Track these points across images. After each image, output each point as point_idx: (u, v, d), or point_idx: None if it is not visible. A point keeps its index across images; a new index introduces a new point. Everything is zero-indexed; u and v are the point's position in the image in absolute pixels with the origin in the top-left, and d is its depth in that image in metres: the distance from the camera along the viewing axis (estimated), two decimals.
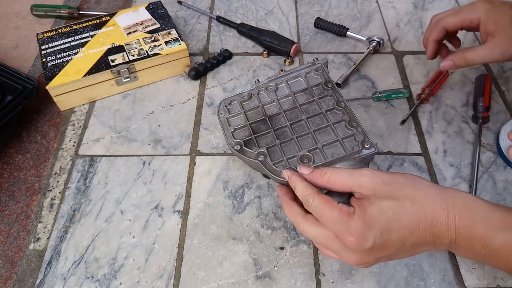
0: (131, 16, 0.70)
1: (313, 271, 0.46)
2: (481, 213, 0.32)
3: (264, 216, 0.51)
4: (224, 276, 0.46)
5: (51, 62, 0.62)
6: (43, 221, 0.51)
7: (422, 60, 0.69)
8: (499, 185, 0.53)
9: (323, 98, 0.49)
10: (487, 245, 0.32)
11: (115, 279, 0.46)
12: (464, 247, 0.33)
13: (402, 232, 0.33)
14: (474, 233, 0.32)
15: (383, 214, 0.34)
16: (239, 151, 0.46)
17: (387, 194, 0.34)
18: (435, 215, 0.33)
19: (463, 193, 0.35)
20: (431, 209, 0.33)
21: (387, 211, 0.34)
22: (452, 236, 0.33)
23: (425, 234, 0.33)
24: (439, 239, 0.34)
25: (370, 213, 0.34)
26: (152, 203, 0.52)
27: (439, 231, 0.33)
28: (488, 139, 0.58)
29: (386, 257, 0.36)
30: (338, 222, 0.34)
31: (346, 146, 0.44)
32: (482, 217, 0.32)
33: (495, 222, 0.32)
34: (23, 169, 0.57)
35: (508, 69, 0.67)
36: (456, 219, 0.32)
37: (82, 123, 0.61)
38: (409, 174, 0.36)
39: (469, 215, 0.32)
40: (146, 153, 0.57)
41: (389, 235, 0.33)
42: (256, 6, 0.80)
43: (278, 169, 0.43)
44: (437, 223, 0.33)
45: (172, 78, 0.67)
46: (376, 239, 0.33)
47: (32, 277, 0.47)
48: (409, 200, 0.34)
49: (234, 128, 0.48)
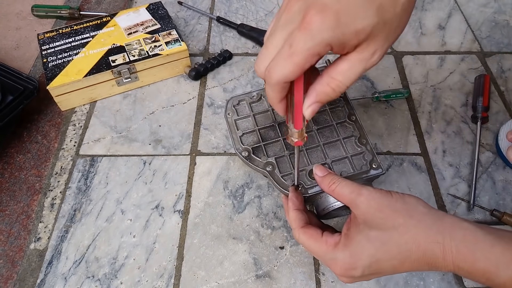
0: (132, 16, 0.70)
1: (312, 270, 0.47)
2: (481, 248, 0.31)
3: (264, 215, 0.51)
4: (224, 275, 0.46)
5: (52, 62, 0.62)
6: (44, 221, 0.51)
7: (421, 60, 0.69)
8: (498, 185, 0.53)
9: (334, 109, 0.49)
10: (491, 280, 0.30)
11: (116, 278, 0.46)
12: (467, 277, 0.33)
13: (391, 262, 0.33)
14: (476, 267, 0.30)
15: (370, 244, 0.33)
16: (247, 158, 0.45)
17: (378, 222, 0.33)
18: (428, 248, 0.31)
19: (463, 223, 0.32)
20: (423, 241, 0.31)
21: (375, 241, 0.33)
22: (449, 268, 0.31)
23: (418, 264, 0.32)
24: (436, 268, 0.32)
25: (357, 243, 0.34)
26: (152, 202, 0.53)
27: (435, 262, 0.32)
28: (487, 139, 0.58)
29: (382, 275, 0.36)
30: (325, 254, 0.35)
31: (354, 164, 0.44)
32: (484, 253, 0.30)
33: (498, 258, 0.30)
34: (24, 169, 0.57)
35: (508, 69, 0.67)
36: (454, 253, 0.31)
37: (83, 123, 0.62)
38: (409, 197, 0.34)
39: (469, 249, 0.31)
40: (147, 153, 0.58)
41: (378, 265, 0.33)
42: (256, 7, 0.80)
43: (287, 182, 0.43)
44: (431, 255, 0.32)
45: (173, 78, 0.68)
46: (365, 269, 0.33)
47: (33, 276, 0.47)
48: (398, 230, 0.32)
49: (243, 133, 0.47)
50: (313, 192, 0.42)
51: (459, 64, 0.68)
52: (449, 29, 0.74)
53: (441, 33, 0.73)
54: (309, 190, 0.42)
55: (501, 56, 0.69)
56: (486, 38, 0.73)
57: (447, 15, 0.77)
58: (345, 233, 0.36)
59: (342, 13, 0.26)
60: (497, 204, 0.52)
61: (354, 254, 0.34)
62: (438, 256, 0.31)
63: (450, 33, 0.73)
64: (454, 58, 0.69)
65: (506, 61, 0.68)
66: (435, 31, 0.74)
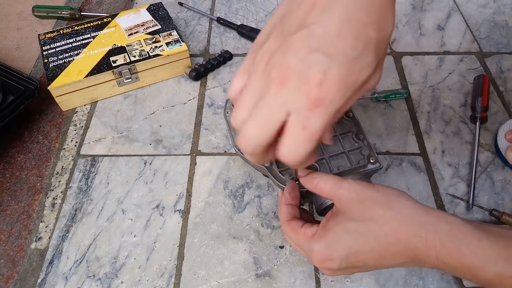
0: (132, 17, 0.70)
1: (312, 269, 0.47)
2: (468, 242, 0.29)
3: (264, 215, 0.51)
4: (224, 274, 0.47)
5: (53, 62, 0.63)
6: (44, 221, 0.52)
7: (421, 61, 0.69)
8: (497, 185, 0.54)
9: None
10: (477, 276, 0.29)
11: (117, 278, 0.47)
12: (451, 273, 0.31)
13: (371, 254, 0.31)
14: (461, 262, 0.29)
15: (347, 236, 0.32)
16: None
17: (356, 214, 0.32)
18: (410, 241, 0.30)
19: (449, 217, 0.31)
20: (404, 234, 0.30)
21: (353, 232, 0.32)
22: (433, 263, 0.30)
23: (400, 258, 0.31)
24: (420, 262, 0.31)
25: (333, 234, 0.33)
26: (153, 202, 0.53)
27: (417, 256, 0.30)
28: (486, 139, 0.58)
29: (365, 270, 0.34)
30: (303, 245, 0.35)
31: (352, 159, 0.44)
32: (470, 247, 0.29)
33: (486, 253, 0.28)
34: (25, 169, 0.57)
35: (507, 69, 0.68)
36: (437, 248, 0.29)
37: (83, 123, 0.62)
38: (392, 189, 0.33)
39: (454, 244, 0.29)
40: (147, 153, 0.58)
41: (356, 257, 0.32)
42: (256, 8, 0.80)
43: (284, 177, 0.43)
44: (413, 249, 0.30)
45: (173, 78, 0.68)
46: (342, 261, 0.32)
47: (33, 276, 0.47)
48: (378, 222, 0.31)
49: None
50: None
51: (458, 65, 0.69)
52: (448, 30, 0.75)
53: (440, 34, 0.74)
54: None
55: (500, 56, 0.70)
56: (485, 38, 0.73)
57: (446, 15, 0.77)
58: (323, 224, 0.35)
59: (348, 74, 0.25)
60: (496, 204, 0.52)
61: (330, 245, 0.33)
62: (421, 250, 0.30)
63: (449, 33, 0.74)
64: (453, 58, 0.70)
65: (505, 61, 0.69)
66: (434, 32, 0.74)
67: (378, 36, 0.26)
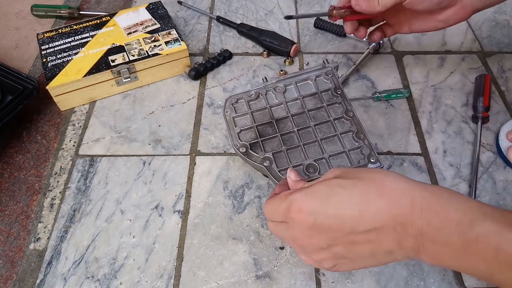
0: (131, 16, 0.70)
1: (313, 271, 0.47)
2: (456, 203, 0.28)
3: (264, 216, 0.51)
4: (224, 276, 0.46)
5: (52, 62, 0.62)
6: (43, 221, 0.51)
7: (422, 60, 0.69)
8: (499, 185, 0.53)
9: (332, 105, 0.49)
10: (463, 233, 0.27)
11: (115, 279, 0.46)
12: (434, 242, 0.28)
13: (351, 211, 0.29)
14: (448, 219, 0.27)
15: (328, 189, 0.30)
16: (244, 153, 0.46)
17: (345, 175, 0.31)
18: (394, 197, 0.28)
19: (437, 186, 0.30)
20: (388, 191, 0.29)
21: (335, 187, 0.30)
22: (417, 225, 0.28)
23: (380, 219, 0.28)
24: (401, 226, 0.28)
25: (316, 187, 0.31)
26: (152, 203, 0.52)
27: (400, 215, 0.28)
28: (487, 139, 0.58)
29: (344, 250, 0.31)
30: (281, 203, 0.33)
31: (352, 159, 0.44)
32: (458, 206, 0.28)
33: (473, 210, 0.27)
34: (23, 169, 0.57)
35: (508, 69, 0.67)
36: (423, 206, 0.28)
37: (82, 123, 0.62)
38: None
39: (441, 205, 0.28)
40: (146, 153, 0.57)
41: (335, 210, 0.30)
42: (256, 7, 0.80)
43: (284, 177, 0.43)
44: (396, 206, 0.28)
45: (172, 78, 0.67)
46: (319, 215, 0.30)
47: (32, 277, 0.47)
48: (364, 180, 0.30)
49: (240, 129, 0.48)
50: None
51: (459, 64, 0.68)
52: (449, 29, 0.74)
53: (442, 33, 0.73)
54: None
55: (501, 56, 0.69)
56: (487, 38, 0.73)
57: None
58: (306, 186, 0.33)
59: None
60: (498, 204, 0.51)
61: (311, 193, 0.31)
62: (405, 207, 0.28)
63: (450, 32, 0.73)
64: (455, 58, 0.69)
65: (506, 61, 0.68)
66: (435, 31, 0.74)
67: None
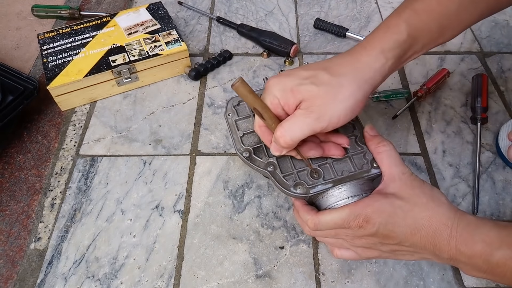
0: (132, 16, 0.70)
1: (312, 270, 0.47)
2: (480, 233, 0.35)
3: (264, 215, 0.51)
4: (224, 275, 0.46)
5: (52, 62, 0.62)
6: (44, 221, 0.51)
7: (421, 60, 0.69)
8: (498, 185, 0.53)
9: None
10: (487, 261, 0.34)
11: (116, 278, 0.46)
12: (466, 264, 0.36)
13: (405, 229, 0.37)
14: (474, 250, 0.35)
15: (392, 209, 0.37)
16: (247, 158, 0.45)
17: (405, 196, 0.38)
18: (438, 229, 0.36)
19: (469, 215, 0.38)
20: (436, 221, 0.36)
21: (397, 208, 0.37)
22: (452, 252, 0.35)
23: (425, 240, 0.36)
24: (439, 251, 0.36)
25: (381, 204, 0.38)
26: (152, 202, 0.53)
27: (439, 243, 0.36)
28: (487, 139, 0.58)
29: (388, 252, 0.39)
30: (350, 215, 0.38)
31: (355, 163, 0.44)
32: (481, 236, 0.35)
33: (493, 240, 0.34)
34: (24, 169, 0.57)
35: (507, 69, 0.67)
36: (457, 237, 0.35)
37: (83, 123, 0.62)
38: (437, 189, 0.40)
39: (469, 233, 0.35)
40: (147, 153, 0.58)
41: (393, 227, 0.37)
42: (256, 7, 0.80)
43: (288, 182, 0.43)
44: (438, 235, 0.36)
45: (173, 78, 0.68)
46: (381, 227, 0.37)
47: (33, 276, 0.47)
48: (420, 207, 0.37)
49: (243, 133, 0.47)
50: (315, 192, 0.42)
51: (459, 64, 0.68)
52: None
53: None
54: (311, 189, 0.42)
55: (501, 56, 0.69)
56: (486, 38, 0.73)
57: None
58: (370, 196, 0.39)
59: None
60: (497, 204, 0.52)
61: (376, 210, 0.37)
62: (444, 237, 0.36)
63: None
64: (454, 58, 0.69)
65: (506, 61, 0.69)
66: None
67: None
